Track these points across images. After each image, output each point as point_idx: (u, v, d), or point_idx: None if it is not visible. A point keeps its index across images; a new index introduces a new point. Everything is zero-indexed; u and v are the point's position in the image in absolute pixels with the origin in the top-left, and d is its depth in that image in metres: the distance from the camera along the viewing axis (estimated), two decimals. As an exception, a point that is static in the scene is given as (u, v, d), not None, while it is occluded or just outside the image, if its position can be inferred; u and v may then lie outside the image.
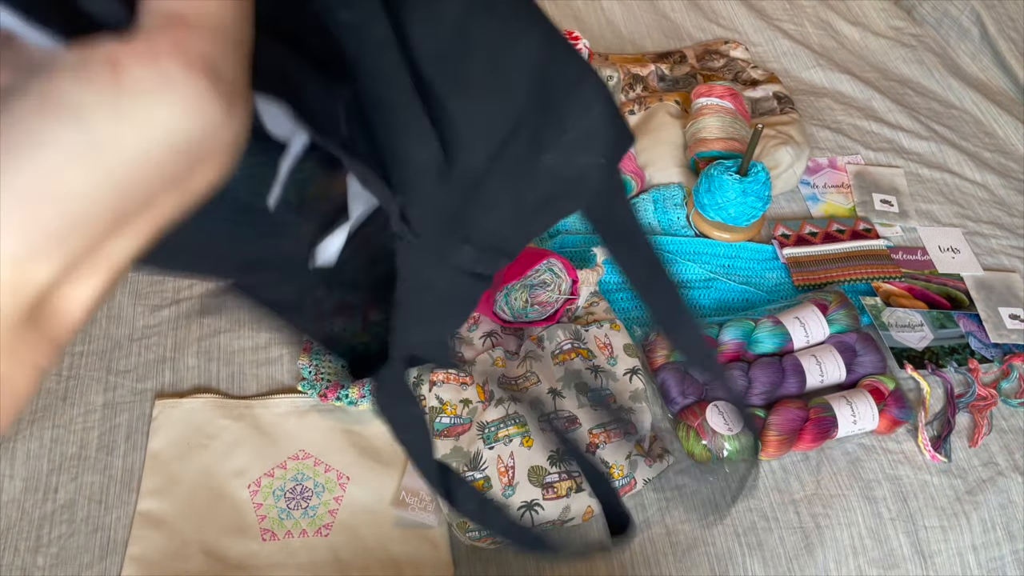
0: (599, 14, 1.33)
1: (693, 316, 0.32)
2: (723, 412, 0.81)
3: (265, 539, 0.75)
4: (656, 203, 1.03)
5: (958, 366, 0.92)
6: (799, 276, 0.99)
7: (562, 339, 0.82)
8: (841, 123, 1.19)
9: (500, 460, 0.74)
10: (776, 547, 0.78)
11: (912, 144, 1.18)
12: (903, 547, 0.80)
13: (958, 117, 1.24)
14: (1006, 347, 0.95)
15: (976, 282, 1.01)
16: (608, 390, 0.80)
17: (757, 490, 0.82)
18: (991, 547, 0.81)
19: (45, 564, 0.73)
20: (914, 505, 0.82)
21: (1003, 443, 0.87)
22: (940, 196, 1.12)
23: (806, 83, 1.26)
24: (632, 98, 1.14)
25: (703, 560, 0.77)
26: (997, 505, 0.83)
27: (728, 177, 0.95)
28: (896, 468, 0.84)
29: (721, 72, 1.22)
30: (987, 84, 1.30)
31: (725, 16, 1.35)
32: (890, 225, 1.07)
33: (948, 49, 1.35)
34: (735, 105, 1.06)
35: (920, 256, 1.04)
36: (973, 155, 1.18)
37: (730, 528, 0.79)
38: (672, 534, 0.78)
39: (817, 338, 0.89)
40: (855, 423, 0.83)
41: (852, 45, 1.34)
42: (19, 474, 0.78)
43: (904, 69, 1.30)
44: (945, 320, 0.96)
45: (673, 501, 0.80)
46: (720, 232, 1.00)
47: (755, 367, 0.86)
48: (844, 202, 1.09)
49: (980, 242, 1.07)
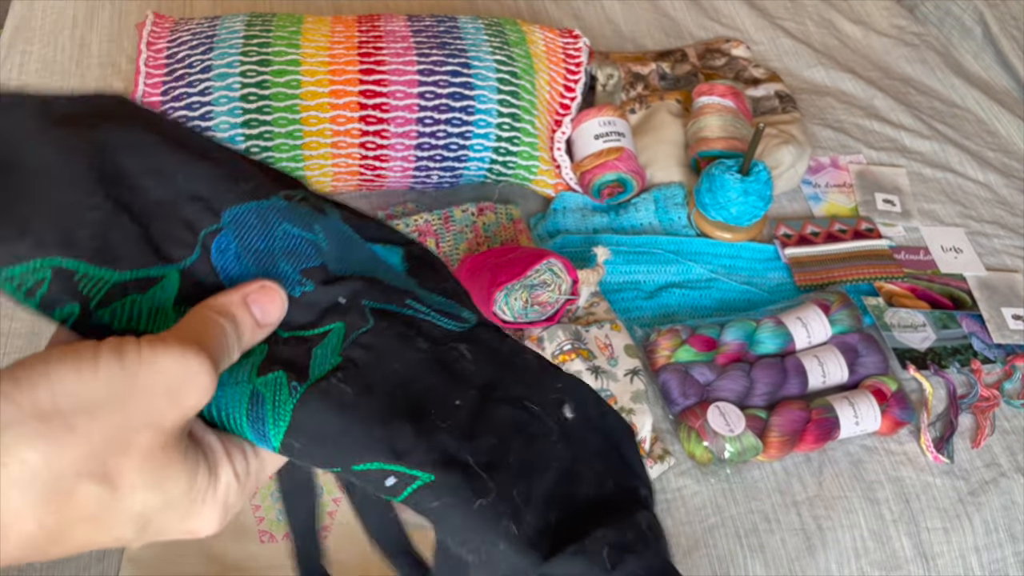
0: (600, 12, 1.33)
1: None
2: (724, 413, 0.81)
3: (263, 540, 0.74)
4: (657, 202, 1.02)
5: (961, 367, 0.92)
6: (801, 276, 0.98)
7: (562, 339, 0.81)
8: (843, 122, 1.19)
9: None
10: (778, 549, 0.78)
11: (914, 143, 1.17)
12: (905, 549, 0.79)
13: (961, 116, 1.23)
14: (1009, 347, 0.95)
15: (979, 282, 1.01)
16: (609, 391, 0.79)
17: (759, 491, 0.81)
18: (993, 548, 0.81)
19: (42, 565, 0.73)
20: (916, 506, 0.82)
21: (1006, 444, 0.87)
22: (943, 196, 1.11)
23: (808, 82, 1.25)
24: (633, 97, 1.14)
25: (704, 562, 0.76)
26: (1000, 506, 0.83)
27: (729, 176, 0.95)
28: (898, 469, 0.84)
29: (722, 71, 1.21)
30: (989, 83, 1.30)
31: (726, 14, 1.34)
32: (892, 225, 1.07)
33: (951, 48, 1.34)
34: (736, 104, 1.06)
35: (923, 256, 1.03)
36: (976, 154, 1.17)
37: (731, 530, 0.79)
38: (673, 536, 0.77)
39: (819, 338, 0.89)
40: (857, 424, 0.82)
41: (854, 44, 1.33)
42: (16, 475, 0.78)
43: (906, 68, 1.30)
44: (948, 320, 0.96)
45: (674, 503, 0.80)
46: (721, 232, 1.00)
47: (757, 368, 0.86)
48: (846, 202, 1.09)
49: (983, 242, 1.06)
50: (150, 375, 0.25)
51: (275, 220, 0.33)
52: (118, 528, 0.26)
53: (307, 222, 0.33)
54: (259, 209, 0.32)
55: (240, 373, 0.30)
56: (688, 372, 0.84)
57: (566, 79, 1.04)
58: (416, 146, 0.95)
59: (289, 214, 0.33)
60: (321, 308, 0.32)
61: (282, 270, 0.32)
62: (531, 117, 0.99)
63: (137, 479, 0.25)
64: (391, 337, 0.32)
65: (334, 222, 0.34)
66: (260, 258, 0.32)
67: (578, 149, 1.02)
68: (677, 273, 0.97)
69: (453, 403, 0.32)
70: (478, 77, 0.96)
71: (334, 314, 0.32)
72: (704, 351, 0.86)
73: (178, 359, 0.25)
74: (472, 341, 0.34)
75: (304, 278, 0.32)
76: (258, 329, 0.30)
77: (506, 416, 0.33)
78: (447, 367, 0.33)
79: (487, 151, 0.98)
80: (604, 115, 1.02)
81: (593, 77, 1.13)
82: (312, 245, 0.33)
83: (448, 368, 0.33)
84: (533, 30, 1.06)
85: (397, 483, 0.30)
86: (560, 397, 0.35)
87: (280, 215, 0.33)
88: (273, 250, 0.32)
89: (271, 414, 0.29)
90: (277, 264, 0.32)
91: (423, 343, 0.33)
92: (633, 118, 1.11)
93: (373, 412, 0.30)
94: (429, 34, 0.99)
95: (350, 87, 0.93)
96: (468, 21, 1.03)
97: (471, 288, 0.84)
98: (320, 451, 0.30)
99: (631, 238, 0.98)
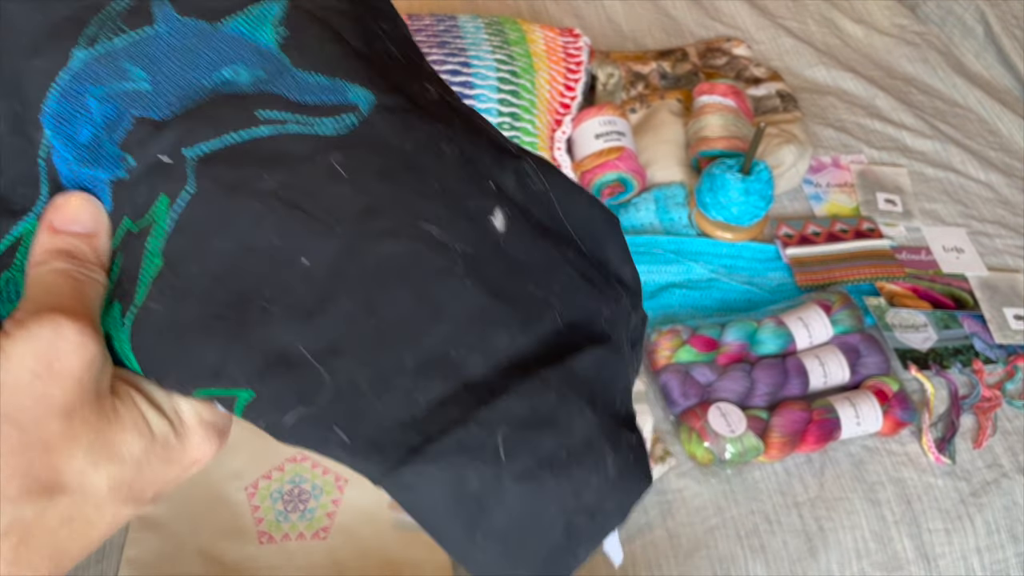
0: (600, 11, 1.32)
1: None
2: (725, 414, 0.81)
3: (262, 542, 0.74)
4: (658, 202, 1.02)
5: (962, 367, 0.92)
6: (802, 276, 0.98)
7: (563, 340, 0.81)
8: (844, 122, 1.19)
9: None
10: (779, 550, 0.78)
11: (916, 143, 1.17)
12: (907, 550, 0.79)
13: (963, 116, 1.23)
14: (1011, 348, 0.94)
15: (980, 282, 1.00)
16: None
17: (761, 492, 0.81)
18: (995, 549, 0.81)
19: (40, 567, 0.73)
20: (918, 507, 0.81)
21: (1007, 445, 0.87)
22: (944, 195, 1.11)
23: (809, 81, 1.25)
24: (633, 96, 1.13)
25: (705, 563, 0.76)
26: (1001, 507, 0.82)
27: (730, 176, 0.95)
28: (900, 470, 0.83)
29: (723, 70, 1.21)
30: (991, 82, 1.29)
31: (727, 14, 1.34)
32: (894, 225, 1.06)
33: (952, 47, 1.34)
34: (737, 103, 1.06)
35: (924, 256, 1.03)
36: (978, 154, 1.17)
37: (732, 531, 0.78)
38: (674, 537, 0.77)
39: (820, 339, 0.88)
40: (858, 425, 0.82)
41: (856, 43, 1.33)
42: (15, 475, 0.78)
43: (908, 67, 1.29)
44: (949, 321, 0.95)
45: (675, 504, 0.79)
46: (722, 232, 0.99)
47: (758, 368, 0.85)
48: (848, 201, 1.09)
49: (985, 242, 1.06)
50: (12, 368, 0.23)
51: (83, 88, 0.26)
52: (103, 513, 0.24)
53: (117, 65, 0.26)
54: (63, 88, 0.26)
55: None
56: (689, 373, 0.84)
57: (566, 78, 1.04)
58: (416, 145, 0.95)
59: (94, 66, 0.26)
60: (147, 184, 0.25)
61: (106, 153, 0.26)
62: (531, 116, 0.98)
63: (78, 464, 0.23)
64: (218, 199, 0.25)
65: (162, 27, 0.26)
66: (87, 150, 0.26)
67: (578, 148, 1.02)
68: (678, 273, 0.97)
69: (298, 267, 0.24)
70: (478, 76, 0.96)
71: (159, 182, 0.25)
72: (705, 351, 0.86)
73: (34, 338, 0.23)
74: (352, 147, 0.25)
75: (124, 152, 0.26)
76: (85, 241, 0.26)
77: (382, 258, 0.24)
78: (297, 207, 0.24)
79: (487, 150, 0.97)
80: (604, 114, 1.02)
81: (593, 76, 1.13)
82: (129, 98, 0.26)
83: (299, 208, 0.24)
84: (533, 29, 1.05)
85: (225, 409, 0.25)
86: (489, 202, 0.26)
87: (86, 78, 0.26)
88: (96, 133, 0.26)
89: (126, 355, 0.25)
90: (102, 147, 0.26)
91: (268, 180, 0.25)
92: (634, 117, 1.11)
93: (191, 326, 0.24)
94: (429, 33, 0.99)
95: (350, 86, 0.93)
96: (468, 20, 1.03)
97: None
98: (168, 383, 0.25)
99: (631, 238, 0.98)
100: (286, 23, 0.27)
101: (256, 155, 0.25)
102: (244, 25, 0.26)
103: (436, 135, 0.26)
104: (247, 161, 0.25)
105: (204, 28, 0.26)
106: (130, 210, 0.25)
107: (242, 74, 0.26)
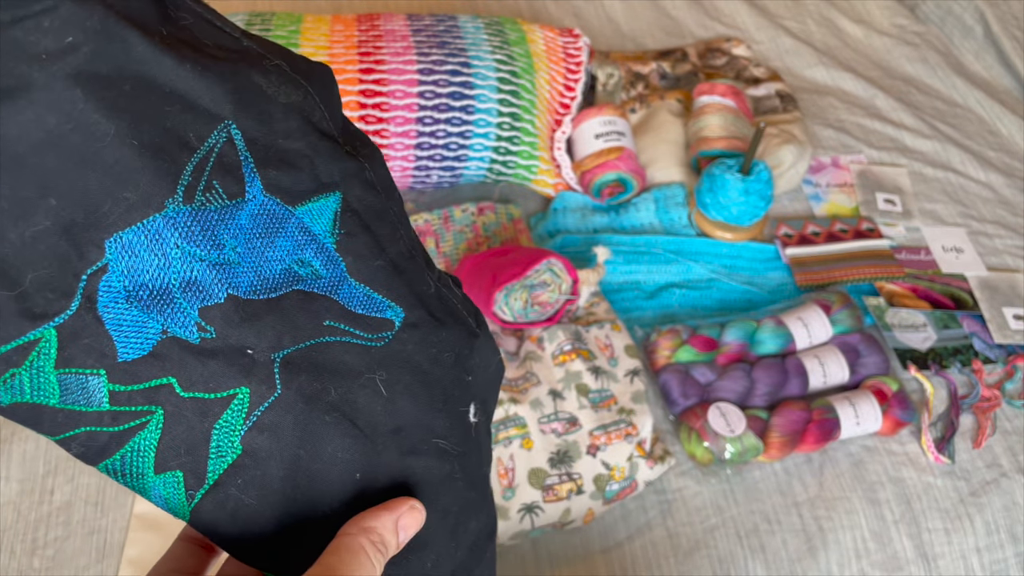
0: (600, 11, 1.32)
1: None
2: (725, 414, 0.81)
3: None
4: (657, 202, 1.02)
5: (962, 367, 0.92)
6: (802, 276, 0.98)
7: (562, 340, 0.81)
8: (844, 122, 1.19)
9: (500, 462, 0.74)
10: (779, 550, 0.78)
11: (916, 143, 1.17)
12: (907, 550, 0.79)
13: (962, 116, 1.23)
14: (1010, 348, 0.94)
15: (980, 282, 1.00)
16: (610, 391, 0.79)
17: (760, 492, 0.81)
18: (995, 549, 0.81)
19: (41, 567, 0.73)
20: (918, 507, 0.81)
21: (1007, 444, 0.87)
22: (944, 195, 1.11)
23: (809, 81, 1.25)
24: (633, 96, 1.13)
25: (705, 563, 0.76)
26: (1001, 507, 0.82)
27: (730, 176, 0.95)
28: (899, 470, 0.83)
29: (723, 70, 1.21)
30: (991, 83, 1.29)
31: (727, 14, 1.34)
32: (893, 225, 1.06)
33: (952, 47, 1.34)
34: (737, 103, 1.06)
35: (924, 256, 1.03)
36: (977, 154, 1.17)
37: (732, 531, 0.78)
38: (674, 537, 0.77)
39: (820, 339, 0.88)
40: (858, 424, 0.82)
41: (855, 43, 1.33)
42: (15, 476, 0.78)
43: (908, 67, 1.30)
44: (949, 320, 0.96)
45: (675, 503, 0.79)
46: (722, 232, 0.99)
47: (758, 368, 0.85)
48: (847, 201, 1.09)
49: (984, 242, 1.06)
50: None
51: (170, 237, 0.26)
52: None
53: (210, 231, 0.27)
54: (149, 230, 0.26)
55: (139, 462, 0.27)
56: (688, 372, 0.84)
57: (566, 78, 1.04)
58: (416, 145, 0.95)
59: (188, 222, 0.27)
60: (225, 363, 0.28)
61: (179, 312, 0.27)
62: (531, 116, 0.98)
63: None
64: (297, 406, 0.29)
65: (252, 203, 0.28)
66: (152, 297, 0.27)
67: (578, 148, 1.02)
68: (677, 273, 0.97)
69: (350, 480, 0.30)
70: (478, 76, 0.96)
71: (239, 372, 0.28)
72: (705, 351, 0.86)
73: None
74: (389, 362, 0.31)
75: (204, 322, 0.27)
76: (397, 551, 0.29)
77: (407, 470, 0.31)
78: (354, 423, 0.30)
79: (487, 150, 0.97)
80: (604, 114, 1.02)
81: (593, 76, 1.13)
82: (215, 268, 0.27)
83: (355, 425, 0.30)
84: (533, 29, 1.05)
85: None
86: (467, 397, 0.33)
87: (176, 228, 0.26)
88: (168, 283, 0.27)
89: (177, 515, 0.29)
90: (174, 303, 0.27)
91: (334, 395, 0.29)
92: (633, 117, 1.11)
93: (265, 518, 0.29)
94: (429, 33, 0.99)
95: (349, 86, 0.93)
96: (468, 20, 1.03)
97: (471, 288, 0.84)
98: (234, 555, 0.29)
99: (631, 238, 0.98)
100: (342, 222, 0.30)
101: (323, 364, 0.29)
102: (310, 214, 0.29)
103: (441, 345, 0.32)
104: (318, 370, 0.29)
105: (284, 211, 0.29)
106: (181, 374, 0.27)
107: (309, 267, 0.29)
